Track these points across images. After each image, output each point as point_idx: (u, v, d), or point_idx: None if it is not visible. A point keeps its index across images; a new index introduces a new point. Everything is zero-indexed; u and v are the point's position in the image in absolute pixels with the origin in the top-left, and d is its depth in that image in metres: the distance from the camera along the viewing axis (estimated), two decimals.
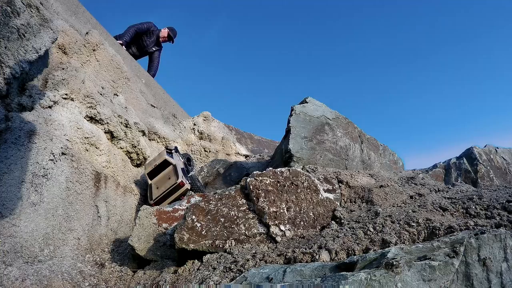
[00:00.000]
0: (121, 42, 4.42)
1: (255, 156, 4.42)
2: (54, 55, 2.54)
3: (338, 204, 1.96)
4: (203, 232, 1.60)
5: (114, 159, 2.69)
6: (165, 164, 2.80)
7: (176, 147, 3.09)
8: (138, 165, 3.10)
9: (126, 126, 2.91)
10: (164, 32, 5.02)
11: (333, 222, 1.75)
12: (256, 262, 1.36)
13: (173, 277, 1.47)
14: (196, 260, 1.56)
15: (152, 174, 2.79)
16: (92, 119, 2.61)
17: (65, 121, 2.28)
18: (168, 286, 1.36)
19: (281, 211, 1.71)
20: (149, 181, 2.79)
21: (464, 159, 5.10)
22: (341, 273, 0.98)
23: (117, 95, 3.06)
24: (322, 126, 3.28)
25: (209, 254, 1.55)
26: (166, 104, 4.20)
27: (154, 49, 5.08)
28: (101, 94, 2.78)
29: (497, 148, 5.36)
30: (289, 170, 1.89)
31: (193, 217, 1.64)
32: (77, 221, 2.00)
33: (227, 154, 4.22)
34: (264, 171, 1.88)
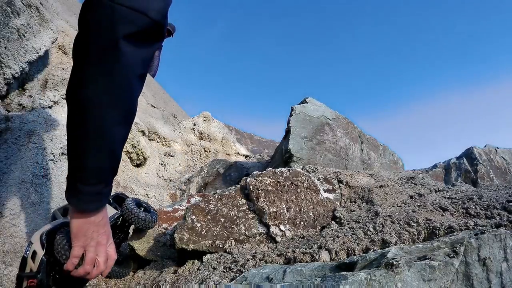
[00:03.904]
0: None
1: (255, 156, 4.42)
2: (54, 55, 2.54)
3: (338, 204, 1.96)
4: (203, 232, 1.60)
5: None
6: None
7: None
8: (138, 165, 3.10)
9: None
10: None
11: (333, 222, 1.75)
12: (256, 262, 1.36)
13: (173, 277, 1.47)
14: (196, 260, 1.56)
15: None
16: None
17: (65, 121, 2.28)
18: (168, 286, 1.36)
19: (281, 211, 1.71)
20: None
21: (464, 159, 5.10)
22: (341, 273, 0.98)
23: None
24: (322, 126, 3.28)
25: (209, 254, 1.55)
26: (166, 104, 4.20)
27: None
28: None
29: (497, 148, 5.36)
30: (289, 170, 1.89)
31: (193, 217, 1.64)
32: None
33: (227, 154, 4.22)
34: (264, 171, 1.88)
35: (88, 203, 0.85)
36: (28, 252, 1.04)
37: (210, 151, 4.06)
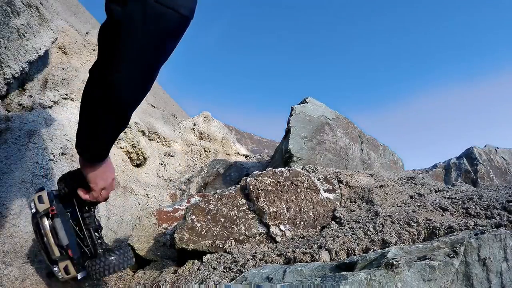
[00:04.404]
0: None
1: (255, 156, 4.42)
2: (54, 55, 2.54)
3: (338, 204, 1.96)
4: (203, 232, 1.60)
5: (114, 159, 2.69)
6: None
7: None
8: (138, 165, 3.10)
9: None
10: None
11: (333, 222, 1.75)
12: (256, 262, 1.37)
13: (173, 277, 1.47)
14: (196, 260, 1.56)
15: None
16: None
17: (65, 121, 2.28)
18: (168, 286, 1.36)
19: (281, 211, 1.71)
20: None
21: (464, 159, 5.10)
22: (341, 273, 0.98)
23: None
24: (322, 126, 3.28)
25: (209, 254, 1.55)
26: (166, 104, 4.20)
27: None
28: None
29: (497, 148, 5.36)
30: (289, 170, 1.89)
31: (193, 217, 1.64)
32: None
33: (227, 154, 4.21)
34: (264, 171, 1.88)
35: (102, 157, 1.02)
36: (33, 206, 1.12)
37: (210, 151, 4.06)
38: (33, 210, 1.12)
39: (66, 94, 2.40)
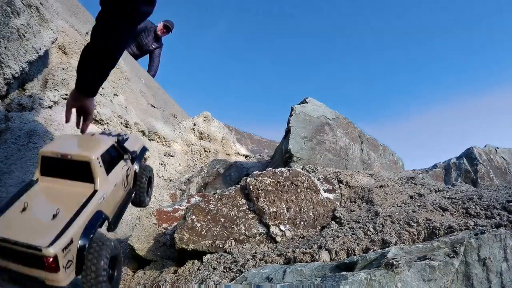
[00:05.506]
0: None
1: (255, 156, 4.42)
2: (54, 55, 2.54)
3: (338, 204, 1.96)
4: (203, 232, 1.60)
5: None
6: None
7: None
8: None
9: (126, 126, 2.91)
10: (160, 26, 5.03)
11: (333, 222, 1.75)
12: (256, 262, 1.37)
13: (173, 277, 1.47)
14: (196, 260, 1.56)
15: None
16: None
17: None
18: (168, 286, 1.36)
19: (281, 211, 1.71)
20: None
21: (464, 159, 5.10)
22: (341, 273, 0.98)
23: (117, 95, 3.07)
24: (322, 126, 3.28)
25: (209, 254, 1.55)
26: (166, 104, 4.20)
27: (154, 46, 5.08)
28: (101, 94, 2.78)
29: (497, 148, 5.36)
30: (289, 170, 1.89)
31: (193, 217, 1.64)
32: None
33: (227, 154, 4.21)
34: (264, 171, 1.88)
35: (95, 93, 1.43)
36: None
37: (210, 151, 4.06)
38: None
39: (66, 94, 2.40)
